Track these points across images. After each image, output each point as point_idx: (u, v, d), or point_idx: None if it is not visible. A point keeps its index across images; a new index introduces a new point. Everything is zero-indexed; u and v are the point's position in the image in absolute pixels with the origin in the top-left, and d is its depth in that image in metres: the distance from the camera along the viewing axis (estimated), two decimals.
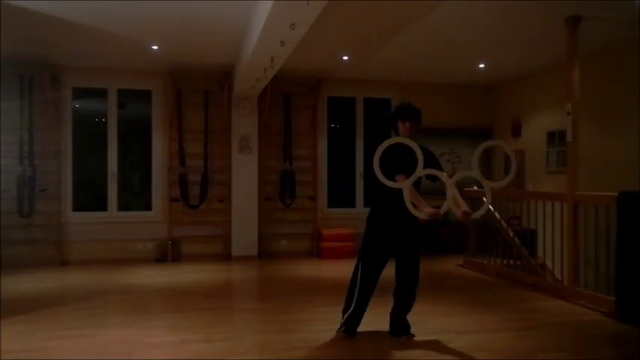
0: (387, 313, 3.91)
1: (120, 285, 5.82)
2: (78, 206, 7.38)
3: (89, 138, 7.90)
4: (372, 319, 3.92)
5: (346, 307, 3.84)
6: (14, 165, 6.90)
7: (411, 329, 3.83)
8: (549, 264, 6.07)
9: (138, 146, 7.96)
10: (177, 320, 4.36)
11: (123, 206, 7.54)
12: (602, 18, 4.93)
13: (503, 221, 6.36)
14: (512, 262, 6.18)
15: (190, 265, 7.03)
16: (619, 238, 4.37)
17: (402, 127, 3.70)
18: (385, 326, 3.90)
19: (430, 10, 4.98)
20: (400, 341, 3.74)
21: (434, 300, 4.93)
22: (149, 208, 7.61)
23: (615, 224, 4.42)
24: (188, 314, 4.53)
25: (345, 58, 6.82)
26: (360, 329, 3.84)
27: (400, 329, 3.82)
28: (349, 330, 3.80)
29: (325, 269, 6.99)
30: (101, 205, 7.48)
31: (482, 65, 7.27)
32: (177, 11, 5.02)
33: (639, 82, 5.42)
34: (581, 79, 5.05)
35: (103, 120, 7.51)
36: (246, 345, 3.74)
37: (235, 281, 6.32)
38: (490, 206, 6.37)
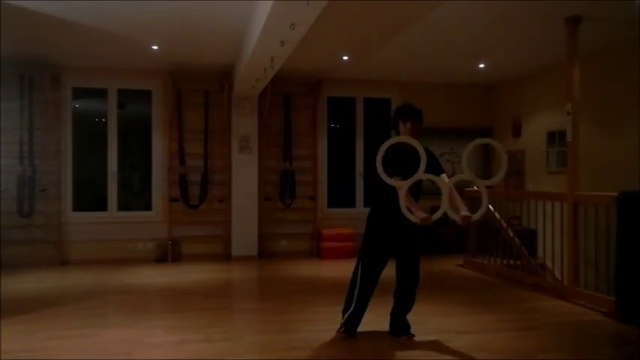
0: (387, 313, 3.91)
1: (120, 285, 5.82)
2: (78, 206, 7.38)
3: (89, 138, 7.90)
4: (372, 319, 3.92)
5: (346, 307, 3.84)
6: (14, 165, 6.90)
7: (411, 329, 3.83)
8: (549, 264, 6.07)
9: (138, 146, 7.96)
10: (177, 320, 4.36)
11: (123, 206, 7.54)
12: (602, 18, 4.93)
13: (503, 221, 6.36)
14: (512, 262, 6.18)
15: (190, 265, 7.03)
16: (619, 238, 4.37)
17: (403, 128, 3.69)
18: (385, 326, 3.90)
19: (430, 10, 4.99)
20: (400, 341, 3.74)
21: (434, 300, 4.93)
22: (149, 208, 7.61)
23: (615, 224, 4.42)
24: (188, 314, 4.53)
25: (345, 58, 6.82)
26: (360, 329, 3.84)
27: (400, 329, 3.82)
28: (349, 330, 3.80)
29: (325, 269, 7.00)
30: (101, 205, 7.48)
31: (482, 65, 7.27)
32: (177, 11, 5.02)
33: (639, 82, 5.42)
34: (581, 79, 5.05)
35: (103, 120, 7.51)
36: (246, 345, 3.74)
37: (235, 281, 6.32)
38: (490, 206, 6.38)
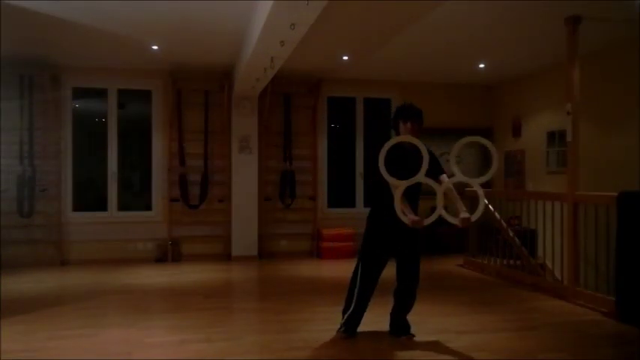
0: (387, 313, 3.91)
1: (120, 285, 5.82)
2: (78, 206, 7.38)
3: (89, 138, 7.90)
4: (372, 319, 3.92)
5: (346, 307, 3.84)
6: (14, 165, 6.90)
7: (411, 329, 3.82)
8: (549, 264, 6.07)
9: (138, 146, 7.95)
10: (177, 320, 4.36)
11: (123, 206, 7.55)
12: (602, 18, 4.93)
13: (503, 221, 6.36)
14: (512, 262, 6.18)
15: (190, 265, 7.03)
16: (619, 238, 4.37)
17: (404, 128, 3.68)
18: (385, 326, 3.90)
19: (430, 10, 4.99)
20: (400, 341, 3.74)
21: (434, 300, 4.93)
22: (149, 208, 7.61)
23: (615, 224, 4.43)
24: (188, 314, 4.53)
25: (345, 58, 6.82)
26: (360, 329, 3.84)
27: (400, 329, 3.82)
28: (349, 330, 3.80)
29: (325, 269, 6.99)
30: (101, 205, 7.48)
31: (482, 65, 7.27)
32: (177, 11, 5.03)
33: (639, 82, 5.42)
34: (581, 79, 5.05)
35: (103, 120, 7.52)
36: (246, 345, 3.74)
37: (235, 281, 6.32)
38: (490, 206, 6.38)
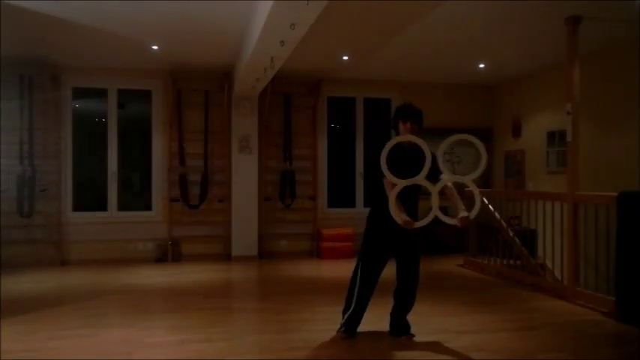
0: (387, 313, 3.91)
1: (120, 285, 5.82)
2: (78, 206, 7.38)
3: (89, 138, 7.90)
4: (372, 319, 3.92)
5: (346, 307, 3.84)
6: (14, 165, 6.90)
7: (411, 329, 3.83)
8: (549, 264, 6.07)
9: (138, 146, 7.95)
10: (177, 320, 4.36)
11: (123, 206, 7.54)
12: (602, 18, 4.93)
13: (503, 221, 6.36)
14: (512, 262, 6.18)
15: (190, 265, 7.03)
16: (619, 238, 4.37)
17: (403, 128, 3.68)
18: (385, 326, 3.90)
19: (430, 10, 4.98)
20: (400, 341, 3.74)
21: (434, 300, 4.94)
22: (149, 208, 7.61)
23: (615, 224, 4.42)
24: (188, 314, 4.53)
25: (345, 58, 6.82)
26: (360, 329, 3.84)
27: (400, 329, 3.82)
28: (349, 330, 3.80)
29: (325, 269, 6.99)
30: (101, 205, 7.48)
31: (482, 65, 7.27)
32: (177, 11, 5.02)
33: (639, 82, 5.42)
34: (581, 79, 5.05)
35: (103, 120, 7.52)
36: (246, 345, 3.74)
37: (235, 281, 6.32)
38: (490, 206, 6.39)
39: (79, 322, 4.27)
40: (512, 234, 6.18)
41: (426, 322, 4.14)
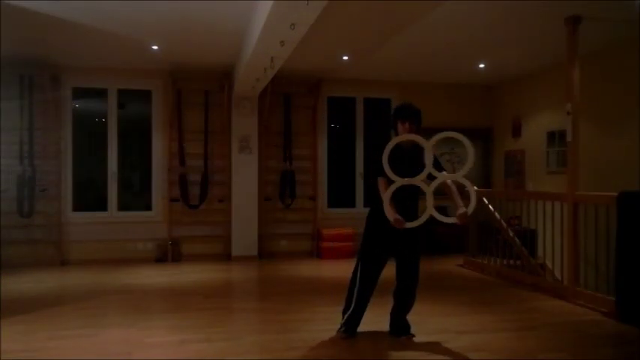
0: (387, 313, 3.91)
1: (120, 285, 5.82)
2: (78, 206, 7.38)
3: (89, 138, 7.90)
4: (372, 319, 3.92)
5: (346, 307, 3.84)
6: (14, 165, 6.90)
7: (411, 329, 3.83)
8: (549, 264, 6.07)
9: (138, 146, 7.95)
10: (177, 320, 4.36)
11: (123, 206, 7.54)
12: (602, 18, 4.93)
13: (503, 221, 6.36)
14: (512, 262, 6.18)
15: (190, 265, 7.03)
16: (619, 238, 4.37)
17: (402, 128, 3.68)
18: (385, 326, 3.90)
19: (430, 10, 4.98)
20: (400, 341, 3.74)
21: (434, 300, 4.94)
22: (149, 208, 7.61)
23: (615, 224, 4.42)
24: (188, 314, 4.53)
25: (345, 58, 6.82)
26: (360, 329, 3.84)
27: (400, 329, 3.82)
28: (349, 330, 3.80)
29: (325, 269, 6.99)
30: (101, 205, 7.48)
31: (482, 65, 7.27)
32: (177, 11, 5.02)
33: (639, 82, 5.42)
34: (581, 79, 5.05)
35: (103, 120, 7.51)
36: (246, 345, 3.74)
37: (235, 281, 6.32)
38: (490, 206, 6.39)
39: (79, 322, 4.26)
40: (512, 234, 6.18)
41: (426, 322, 4.14)
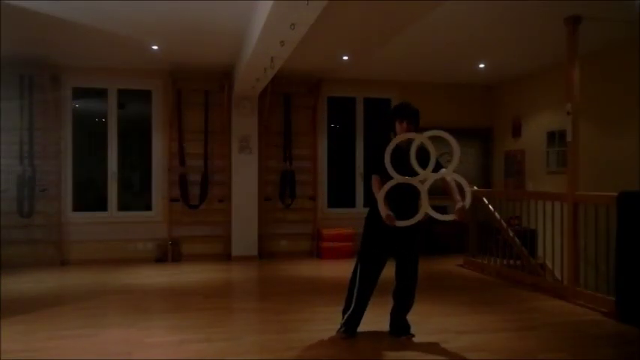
0: (387, 313, 3.91)
1: (120, 285, 5.82)
2: (78, 206, 7.38)
3: (89, 138, 7.91)
4: (372, 319, 3.92)
5: (346, 307, 3.84)
6: (14, 165, 6.90)
7: (411, 329, 3.83)
8: (549, 264, 6.06)
9: (138, 146, 7.95)
10: (177, 320, 4.36)
11: (123, 206, 7.54)
12: (602, 18, 4.93)
13: (503, 221, 6.36)
14: (512, 262, 6.18)
15: (190, 265, 7.03)
16: (619, 238, 4.37)
17: (400, 127, 3.68)
18: (385, 326, 3.90)
19: (430, 10, 4.99)
20: (400, 341, 3.74)
21: (434, 300, 4.94)
22: (149, 208, 7.61)
23: (615, 224, 4.42)
24: (188, 314, 4.53)
25: (345, 58, 6.82)
26: (360, 329, 3.84)
27: (400, 329, 3.82)
28: (349, 330, 3.80)
29: (325, 269, 6.99)
30: (101, 205, 7.48)
31: (482, 65, 7.27)
32: (177, 11, 5.02)
33: (639, 82, 5.42)
34: (581, 79, 5.05)
35: (103, 120, 7.52)
36: (246, 345, 3.74)
37: (235, 281, 6.32)
38: (490, 206, 6.39)
39: (79, 322, 4.27)
40: (512, 234, 6.18)
41: (426, 322, 4.15)
